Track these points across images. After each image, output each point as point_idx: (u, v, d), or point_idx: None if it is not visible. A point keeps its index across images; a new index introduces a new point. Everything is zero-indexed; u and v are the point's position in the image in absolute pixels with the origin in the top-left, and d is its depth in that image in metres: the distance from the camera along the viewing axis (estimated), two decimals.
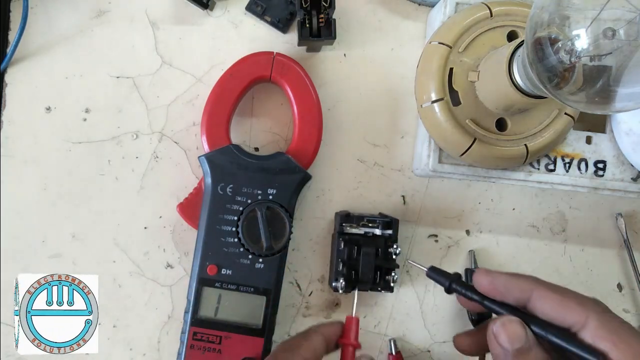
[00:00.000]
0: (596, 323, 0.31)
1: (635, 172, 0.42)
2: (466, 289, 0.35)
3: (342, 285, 0.42)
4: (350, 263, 0.42)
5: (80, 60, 0.45)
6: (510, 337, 0.32)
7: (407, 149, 0.46)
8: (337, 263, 0.42)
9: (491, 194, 0.47)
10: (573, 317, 0.31)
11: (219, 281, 0.41)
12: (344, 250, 0.42)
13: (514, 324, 0.32)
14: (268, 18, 0.45)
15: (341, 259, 0.42)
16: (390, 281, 0.43)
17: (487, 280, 0.34)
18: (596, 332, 0.31)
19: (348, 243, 0.42)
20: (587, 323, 0.31)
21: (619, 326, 0.31)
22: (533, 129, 0.39)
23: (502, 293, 0.34)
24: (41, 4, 0.45)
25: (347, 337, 0.36)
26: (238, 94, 0.42)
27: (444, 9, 0.41)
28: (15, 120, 0.44)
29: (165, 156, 0.45)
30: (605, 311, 0.32)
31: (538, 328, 0.32)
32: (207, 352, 0.40)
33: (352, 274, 0.42)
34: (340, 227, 0.43)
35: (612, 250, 0.48)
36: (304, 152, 0.43)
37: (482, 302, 0.34)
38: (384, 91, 0.46)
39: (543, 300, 0.32)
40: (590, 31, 0.27)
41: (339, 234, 0.43)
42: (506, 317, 0.33)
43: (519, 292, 0.33)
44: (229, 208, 0.41)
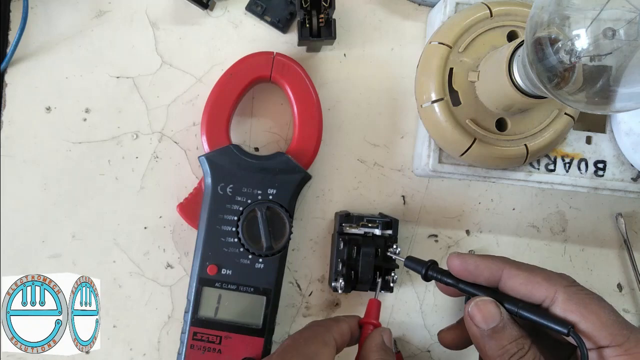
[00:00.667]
0: (564, 296, 0.32)
1: (635, 172, 0.42)
2: (442, 274, 0.36)
3: (342, 285, 0.42)
4: (349, 263, 0.42)
5: (80, 60, 0.45)
6: (485, 317, 0.33)
7: (407, 149, 0.46)
8: (336, 263, 0.42)
9: (491, 194, 0.47)
10: (541, 293, 0.32)
11: (219, 281, 0.41)
12: (344, 250, 0.42)
13: (488, 304, 0.33)
14: (268, 18, 0.45)
15: (341, 259, 0.42)
16: (390, 281, 0.43)
17: (458, 262, 0.35)
18: (565, 305, 0.31)
19: (348, 243, 0.42)
20: (555, 297, 0.32)
21: (586, 297, 0.32)
22: (533, 129, 0.39)
23: (474, 274, 0.35)
24: (41, 4, 0.45)
25: (369, 317, 0.39)
26: (238, 94, 0.42)
27: (444, 9, 0.41)
28: (15, 120, 0.44)
29: (165, 156, 0.45)
30: (573, 284, 0.33)
31: (510, 305, 0.33)
32: (207, 352, 0.40)
33: (351, 274, 0.42)
34: (340, 227, 0.43)
35: (612, 250, 0.48)
36: (304, 152, 0.43)
37: (457, 285, 0.36)
38: (384, 91, 0.46)
39: (513, 279, 0.33)
40: (590, 31, 0.27)
41: (338, 234, 0.43)
42: (480, 298, 0.34)
43: (489, 273, 0.34)
44: (229, 208, 0.41)
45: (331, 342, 0.35)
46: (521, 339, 0.32)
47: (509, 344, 0.32)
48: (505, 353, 0.32)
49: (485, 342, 0.33)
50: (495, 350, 0.32)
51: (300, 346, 0.34)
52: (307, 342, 0.35)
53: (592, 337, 0.31)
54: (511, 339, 0.32)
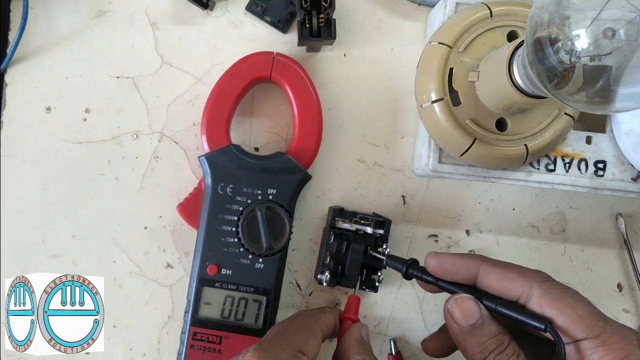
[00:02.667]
0: (539, 292, 0.32)
1: (635, 172, 0.42)
2: (422, 272, 0.37)
3: (327, 279, 0.42)
4: (338, 257, 0.43)
5: (80, 60, 0.45)
6: (464, 314, 0.33)
7: (407, 149, 0.46)
8: (325, 256, 0.43)
9: (491, 194, 0.47)
10: (517, 289, 0.33)
11: (219, 281, 0.41)
12: (334, 243, 0.43)
13: (466, 301, 0.33)
14: (268, 18, 0.45)
15: (330, 252, 0.43)
16: (376, 281, 0.43)
17: (435, 261, 0.36)
18: (540, 300, 0.32)
19: (338, 237, 0.43)
20: (531, 293, 0.32)
21: (561, 292, 0.32)
22: (533, 129, 0.39)
23: (451, 273, 0.35)
24: (41, 4, 0.45)
25: (348, 312, 0.40)
26: (238, 94, 0.42)
27: (444, 9, 0.41)
28: (15, 120, 0.44)
29: (165, 156, 0.45)
30: (548, 279, 0.33)
31: (488, 302, 0.34)
32: (207, 352, 0.40)
33: (338, 268, 0.43)
34: (332, 221, 0.43)
35: (612, 250, 0.48)
36: (304, 152, 0.43)
37: (437, 283, 0.36)
38: (384, 91, 0.46)
39: (488, 276, 0.34)
40: (590, 31, 0.27)
41: (330, 227, 0.43)
42: (458, 295, 0.34)
43: (465, 271, 0.35)
44: (229, 208, 0.41)
45: (318, 332, 0.36)
46: (500, 335, 0.32)
47: (488, 340, 0.32)
48: (485, 349, 0.32)
49: (465, 338, 0.33)
50: (475, 347, 0.32)
51: (290, 334, 0.35)
52: (297, 331, 0.35)
53: (569, 331, 0.31)
54: (490, 335, 0.32)
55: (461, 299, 0.34)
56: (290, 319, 0.37)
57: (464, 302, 0.33)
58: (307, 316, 0.37)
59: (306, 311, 0.39)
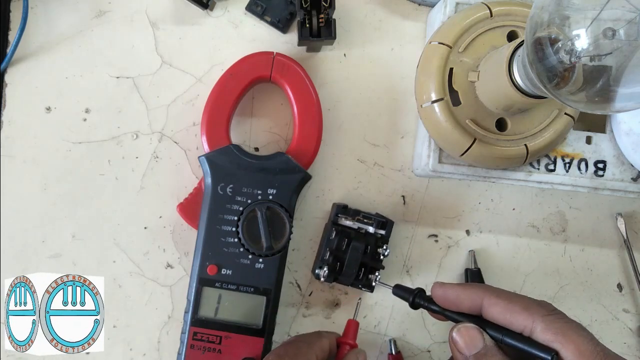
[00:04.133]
0: (542, 326, 0.32)
1: (635, 172, 0.42)
2: (428, 302, 0.37)
3: (325, 274, 0.42)
4: (337, 254, 0.42)
5: (80, 60, 0.45)
6: (467, 343, 0.33)
7: (407, 149, 0.46)
8: (324, 251, 0.43)
9: (491, 194, 0.47)
10: (520, 322, 0.32)
11: (219, 281, 0.41)
12: (335, 239, 0.43)
13: (471, 330, 0.33)
14: (268, 18, 0.45)
15: (330, 247, 0.43)
16: (373, 280, 0.43)
17: (440, 292, 0.36)
18: (543, 334, 0.32)
19: (339, 234, 0.43)
20: (534, 327, 0.32)
21: (564, 326, 0.32)
22: (533, 129, 0.39)
23: (455, 304, 0.35)
24: (41, 4, 0.45)
25: (346, 337, 0.40)
26: (238, 94, 0.42)
27: (444, 9, 0.41)
28: (15, 120, 0.44)
29: (165, 156, 0.45)
30: (551, 313, 0.33)
31: (494, 332, 0.33)
32: (207, 352, 0.40)
33: (336, 265, 0.43)
34: (335, 217, 0.43)
35: (612, 250, 0.48)
36: (304, 152, 0.43)
37: (443, 313, 0.36)
38: (384, 91, 0.46)
39: (492, 308, 0.34)
40: (590, 31, 0.27)
41: (332, 223, 0.43)
42: (462, 324, 0.34)
43: (469, 302, 0.34)
44: (229, 208, 0.41)
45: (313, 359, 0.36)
46: None
47: None
48: None
49: None
50: None
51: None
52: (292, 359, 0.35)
53: None
54: None
55: (465, 328, 0.33)
56: (285, 347, 0.37)
57: (468, 331, 0.33)
58: (302, 342, 0.37)
59: (301, 337, 0.39)
